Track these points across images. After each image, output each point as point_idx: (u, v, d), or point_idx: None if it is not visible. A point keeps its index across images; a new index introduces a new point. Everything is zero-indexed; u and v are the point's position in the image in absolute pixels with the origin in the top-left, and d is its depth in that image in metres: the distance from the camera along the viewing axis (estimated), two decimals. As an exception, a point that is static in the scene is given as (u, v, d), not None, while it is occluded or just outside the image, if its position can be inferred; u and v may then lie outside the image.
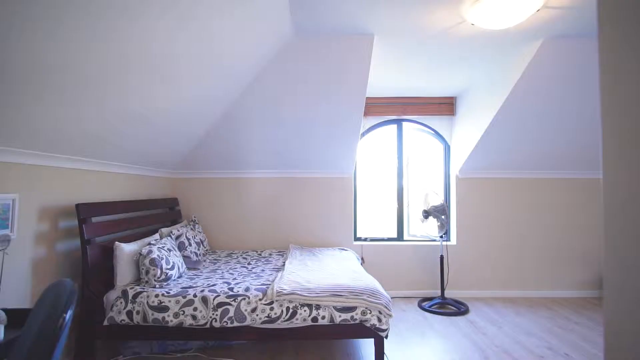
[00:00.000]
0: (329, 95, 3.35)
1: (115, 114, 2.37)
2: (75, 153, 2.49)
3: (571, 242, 4.42)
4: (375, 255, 4.33)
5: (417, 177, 4.64)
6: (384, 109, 4.41)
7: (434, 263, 4.36)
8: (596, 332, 3.27)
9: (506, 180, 4.43)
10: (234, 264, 3.47)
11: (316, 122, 3.66)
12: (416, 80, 3.90)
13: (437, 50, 3.12)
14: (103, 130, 2.46)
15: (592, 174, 4.42)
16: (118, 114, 2.39)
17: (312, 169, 4.29)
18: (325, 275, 2.89)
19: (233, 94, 3.23)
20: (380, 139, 4.69)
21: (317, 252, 3.82)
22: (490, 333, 3.24)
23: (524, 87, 3.25)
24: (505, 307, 3.96)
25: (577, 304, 4.10)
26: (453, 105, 4.47)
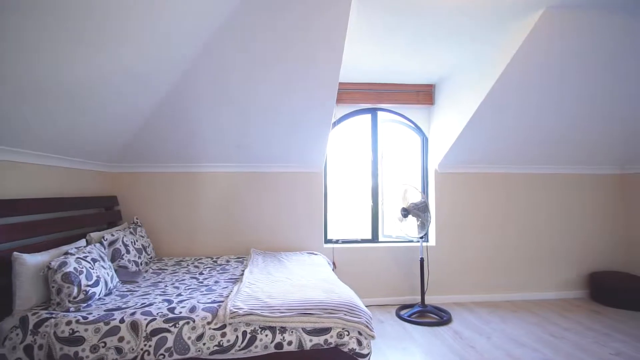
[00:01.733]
0: (296, 75, 2.85)
1: (23, 87, 1.75)
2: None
3: (554, 241, 4.20)
4: (348, 259, 3.88)
5: (393, 172, 4.24)
6: (357, 96, 3.97)
7: (412, 266, 3.97)
8: (588, 339, 3.00)
9: (489, 176, 4.12)
10: (182, 275, 2.88)
11: (281, 109, 3.14)
12: (394, 63, 3.49)
13: (421, 23, 2.70)
14: (9, 109, 1.83)
15: (585, 170, 4.22)
16: (27, 87, 1.77)
17: (277, 163, 3.78)
18: (292, 287, 2.38)
19: (179, 67, 2.65)
20: (354, 130, 4.25)
21: (282, 258, 3.31)
22: (479, 346, 2.87)
23: (517, 67, 2.91)
24: (489, 313, 3.64)
25: (561, 306, 3.86)
26: (432, 94, 4.11)
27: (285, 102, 3.08)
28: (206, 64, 2.68)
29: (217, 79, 2.82)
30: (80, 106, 2.31)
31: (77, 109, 2.32)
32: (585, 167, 4.22)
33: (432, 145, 4.14)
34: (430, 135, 4.18)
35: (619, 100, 3.35)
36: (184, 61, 2.59)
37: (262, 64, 2.73)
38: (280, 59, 2.70)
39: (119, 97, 2.52)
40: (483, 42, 3.00)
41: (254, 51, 2.63)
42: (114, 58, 2.08)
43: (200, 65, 2.68)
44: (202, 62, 2.65)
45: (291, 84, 2.91)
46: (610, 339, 3.01)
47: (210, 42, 2.50)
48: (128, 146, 3.35)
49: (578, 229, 4.23)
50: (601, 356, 2.70)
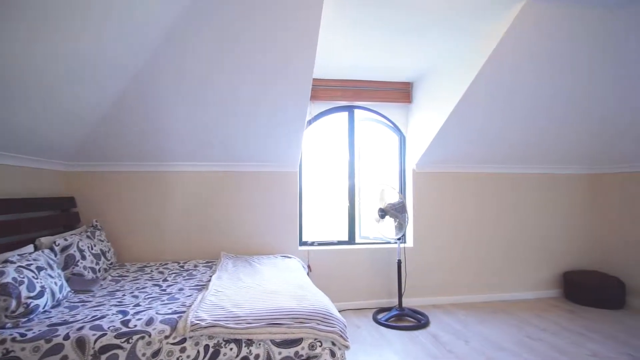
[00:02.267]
0: (269, 69, 2.68)
1: None
2: None
3: (529, 241, 4.20)
4: (324, 262, 3.74)
5: (370, 172, 4.14)
6: (333, 93, 3.84)
7: (389, 268, 3.88)
8: (565, 339, 2.98)
9: (467, 175, 4.08)
10: (144, 282, 2.66)
11: (253, 105, 2.97)
12: (371, 60, 3.38)
13: (398, 17, 2.60)
14: None
15: (558, 170, 4.24)
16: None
17: (249, 162, 3.59)
18: (262, 294, 2.22)
19: (142, 56, 2.44)
20: (330, 128, 4.12)
21: (254, 262, 3.14)
22: (458, 350, 2.79)
23: (495, 65, 2.85)
24: (467, 315, 3.58)
25: (537, 306, 3.86)
26: (409, 93, 4.03)
27: (258, 98, 2.92)
28: (171, 55, 2.48)
29: (183, 71, 2.62)
30: (27, 96, 2.07)
31: (23, 100, 2.08)
32: (558, 167, 4.25)
33: (409, 145, 4.06)
34: (408, 134, 4.10)
35: (593, 100, 3.36)
36: (147, 49, 2.38)
37: (232, 57, 2.55)
38: (251, 52, 2.53)
39: (72, 87, 2.29)
40: (462, 37, 2.93)
41: (223, 43, 2.45)
42: (66, 40, 1.86)
43: (165, 56, 2.47)
44: (167, 51, 2.45)
45: (264, 78, 2.75)
46: (586, 339, 3.00)
47: (176, 29, 2.31)
48: (86, 142, 3.09)
49: (551, 228, 4.25)
50: (578, 357, 2.67)
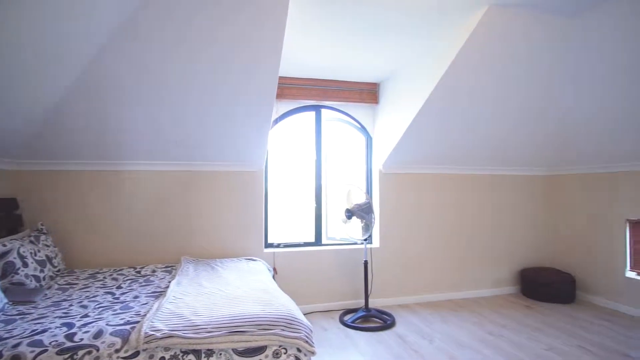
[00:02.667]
0: (235, 65, 2.58)
1: None
2: None
3: (489, 240, 4.34)
4: (290, 264, 3.67)
5: (337, 172, 4.11)
6: (300, 92, 3.77)
7: (356, 269, 3.86)
8: (523, 335, 3.09)
9: (431, 176, 4.15)
10: (95, 290, 2.47)
11: (218, 102, 2.85)
12: (339, 59, 3.35)
13: (365, 17, 2.58)
14: None
15: (517, 171, 4.40)
16: None
17: (213, 161, 3.45)
18: (223, 300, 2.11)
19: (95, 43, 2.26)
20: (296, 128, 4.05)
21: (217, 266, 3.01)
22: (422, 350, 2.81)
23: (460, 66, 2.90)
24: (431, 314, 3.63)
25: (497, 303, 3.99)
26: (376, 93, 4.05)
27: (222, 96, 2.80)
28: (128, 49, 2.32)
29: (141, 67, 2.46)
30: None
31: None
32: (518, 169, 4.42)
33: (376, 145, 4.08)
34: (375, 134, 4.12)
35: (550, 105, 3.52)
36: (100, 40, 2.21)
37: (193, 53, 2.43)
38: (214, 49, 2.42)
39: (18, 81, 2.07)
40: (427, 40, 2.96)
41: (184, 38, 2.32)
42: (10, 32, 1.67)
43: (122, 50, 2.31)
44: (123, 45, 2.28)
45: (228, 76, 2.64)
46: (542, 333, 3.12)
47: (133, 22, 2.16)
48: (32, 139, 2.83)
49: (510, 227, 4.42)
50: (536, 352, 2.77)
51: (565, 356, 2.70)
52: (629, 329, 3.20)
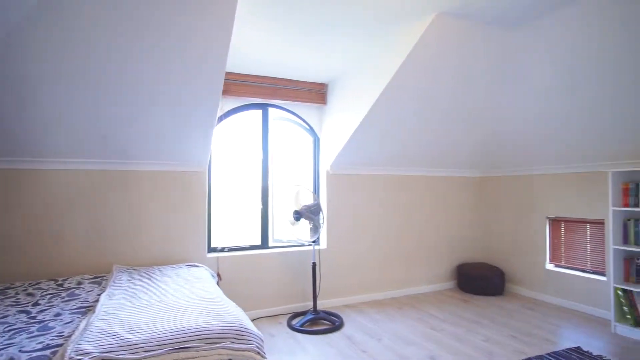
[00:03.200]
0: (176, 55, 2.37)
1: None
2: None
3: (429, 238, 4.54)
4: (235, 269, 3.50)
5: (284, 172, 4.02)
6: (247, 89, 3.62)
7: (304, 271, 3.81)
8: (462, 328, 3.26)
9: (377, 177, 4.23)
10: (4, 309, 2.12)
11: (157, 94, 2.61)
12: (287, 56, 3.27)
13: (315, 15, 2.53)
14: None
15: (454, 172, 4.65)
16: None
17: (151, 160, 3.17)
18: (164, 313, 1.92)
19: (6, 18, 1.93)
20: (242, 126, 3.89)
21: (155, 274, 2.76)
22: (371, 349, 2.84)
23: (408, 71, 2.98)
24: (377, 312, 3.70)
25: (437, 298, 4.19)
26: (324, 94, 4.03)
27: (163, 90, 2.57)
28: (49, 22, 2.01)
29: (64, 43, 2.16)
30: None
31: None
32: (454, 170, 4.69)
33: (323, 146, 4.06)
34: (322, 135, 4.10)
35: (487, 112, 3.77)
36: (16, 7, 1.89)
37: (132, 35, 2.18)
38: (156, 39, 2.20)
39: None
40: (376, 43, 3.00)
41: (121, 23, 2.08)
42: None
43: (39, 25, 2.00)
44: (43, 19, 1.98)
45: (169, 65, 2.42)
46: (479, 325, 3.32)
47: None
48: None
49: (447, 226, 4.68)
50: (474, 344, 2.93)
51: (500, 346, 2.89)
52: (549, 316, 3.54)
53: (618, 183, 3.23)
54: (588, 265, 3.75)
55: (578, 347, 2.83)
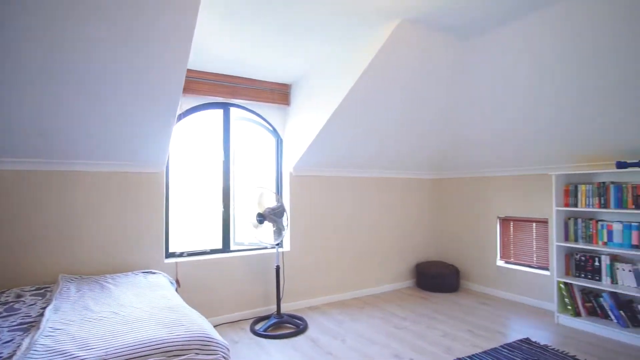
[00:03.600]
0: (134, 46, 2.22)
1: None
2: None
3: (389, 238, 4.65)
4: (195, 274, 3.36)
5: (246, 174, 3.93)
6: (208, 87, 3.50)
7: (267, 275, 3.75)
8: (422, 325, 3.36)
9: (339, 179, 4.26)
10: None
11: (107, 89, 2.43)
12: (250, 55, 3.19)
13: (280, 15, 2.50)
14: None
15: (413, 174, 4.78)
16: None
17: (101, 160, 2.96)
18: (120, 326, 1.79)
19: None
20: (203, 126, 3.75)
21: (108, 283, 2.58)
22: (336, 351, 2.84)
23: (372, 74, 3.02)
24: (341, 313, 3.72)
25: (397, 297, 4.30)
26: (287, 95, 4.00)
27: (118, 83, 2.39)
28: None
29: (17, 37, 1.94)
30: None
31: None
32: (412, 172, 4.84)
33: (287, 148, 4.02)
34: (285, 136, 4.05)
35: (444, 117, 3.92)
36: None
37: (81, 22, 2.01)
38: (108, 22, 2.04)
39: None
40: (341, 45, 3.02)
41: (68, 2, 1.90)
42: None
43: (-33, 11, 1.78)
44: (-30, 5, 1.76)
45: (126, 59, 2.26)
46: (437, 321, 3.45)
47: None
48: None
49: (406, 226, 4.82)
50: (434, 340, 3.04)
51: (458, 340, 3.02)
52: (501, 310, 3.76)
53: (561, 185, 3.50)
54: (534, 261, 4.03)
55: (527, 338, 3.03)
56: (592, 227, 3.35)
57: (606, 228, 3.25)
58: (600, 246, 3.25)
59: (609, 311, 3.20)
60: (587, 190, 3.34)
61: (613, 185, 3.17)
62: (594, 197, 3.29)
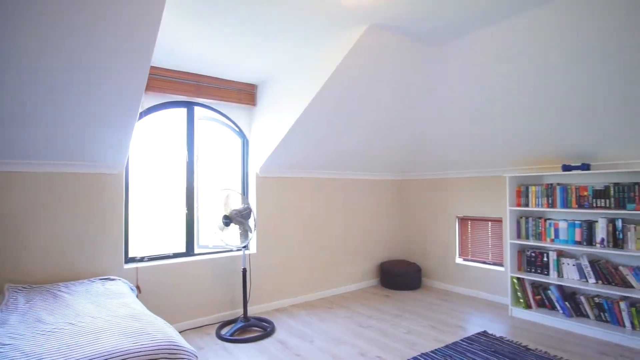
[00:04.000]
0: (94, 38, 2.10)
1: None
2: None
3: (355, 238, 4.73)
4: (157, 280, 3.23)
5: (211, 175, 3.83)
6: (171, 85, 3.37)
7: (233, 278, 3.68)
8: (387, 323, 3.45)
9: (306, 180, 4.27)
10: None
11: (63, 84, 2.27)
12: (216, 54, 3.12)
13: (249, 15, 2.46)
14: None
15: (378, 176, 4.89)
16: None
17: (55, 160, 2.76)
18: (78, 337, 1.69)
19: None
20: (165, 126, 3.61)
21: (61, 292, 2.41)
22: (304, 352, 2.85)
23: (339, 78, 3.05)
24: (308, 314, 3.73)
25: (362, 296, 4.38)
26: (254, 95, 3.95)
27: (74, 78, 2.24)
28: None
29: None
30: None
31: None
32: (377, 174, 4.96)
33: (253, 148, 3.97)
34: (251, 137, 4.00)
35: (409, 121, 4.05)
36: None
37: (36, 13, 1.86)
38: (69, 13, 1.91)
39: None
40: (310, 47, 3.03)
41: None
42: None
43: None
44: None
45: (86, 52, 2.12)
46: (401, 319, 3.56)
47: None
48: None
49: (370, 226, 4.92)
50: (399, 336, 3.13)
51: (421, 337, 3.13)
52: (460, 305, 3.95)
53: (513, 186, 3.74)
54: (490, 258, 4.27)
55: (484, 331, 3.21)
56: (541, 225, 3.60)
57: (553, 226, 3.51)
58: (548, 243, 3.51)
59: (556, 303, 3.46)
60: (536, 191, 3.58)
61: (559, 187, 3.44)
62: (543, 198, 3.54)
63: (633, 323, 3.00)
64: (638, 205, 2.97)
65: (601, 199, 3.18)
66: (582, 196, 3.30)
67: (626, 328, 3.03)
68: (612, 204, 3.12)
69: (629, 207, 3.02)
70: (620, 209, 3.06)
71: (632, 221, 3.07)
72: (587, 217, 3.36)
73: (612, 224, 3.13)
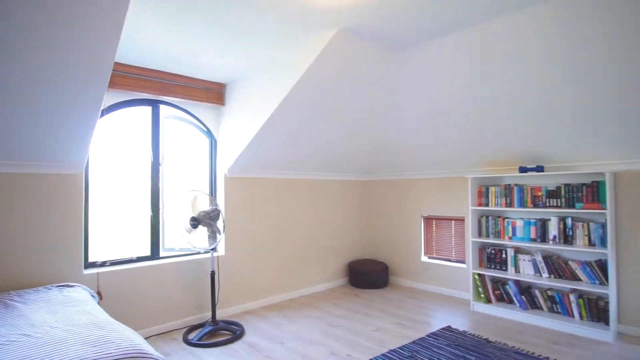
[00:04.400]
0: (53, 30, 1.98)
1: None
2: None
3: (324, 238, 4.77)
4: (120, 285, 3.10)
5: (177, 176, 3.72)
6: (135, 82, 3.24)
7: (200, 281, 3.60)
8: (356, 321, 3.51)
9: (275, 181, 4.25)
10: None
11: (22, 81, 2.13)
12: (183, 51, 3.03)
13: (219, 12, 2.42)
14: None
15: (346, 176, 4.95)
16: None
17: (7, 160, 2.58)
18: (34, 349, 1.59)
19: None
20: (128, 124, 3.47)
21: (14, 301, 2.25)
22: (274, 354, 2.84)
23: (309, 80, 3.07)
24: (277, 315, 3.72)
25: (332, 295, 4.42)
26: (222, 94, 3.88)
27: (30, 69, 2.10)
28: None
29: None
30: None
31: None
32: (345, 174, 5.03)
33: (221, 149, 3.90)
34: (220, 137, 3.93)
35: (376, 124, 4.13)
36: None
37: None
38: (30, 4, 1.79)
39: None
40: (280, 48, 3.02)
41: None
42: None
43: None
44: None
45: (42, 43, 2.00)
46: (370, 317, 3.63)
47: None
48: None
49: (339, 226, 4.98)
50: (368, 335, 3.20)
51: (389, 334, 3.21)
52: (426, 302, 4.09)
53: (475, 187, 3.92)
54: (453, 255, 4.45)
55: (449, 326, 3.34)
56: (500, 223, 3.81)
57: (511, 225, 3.72)
58: (507, 240, 3.71)
59: (514, 297, 3.66)
60: (496, 191, 3.78)
61: (517, 187, 3.65)
62: (502, 198, 3.74)
63: (581, 313, 3.24)
64: (586, 204, 3.22)
65: (553, 199, 3.42)
66: (536, 196, 3.52)
67: (575, 318, 3.27)
68: (563, 204, 3.36)
69: (577, 206, 3.26)
70: (570, 208, 3.30)
71: (580, 219, 3.32)
72: (541, 216, 3.59)
73: (563, 222, 3.37)
